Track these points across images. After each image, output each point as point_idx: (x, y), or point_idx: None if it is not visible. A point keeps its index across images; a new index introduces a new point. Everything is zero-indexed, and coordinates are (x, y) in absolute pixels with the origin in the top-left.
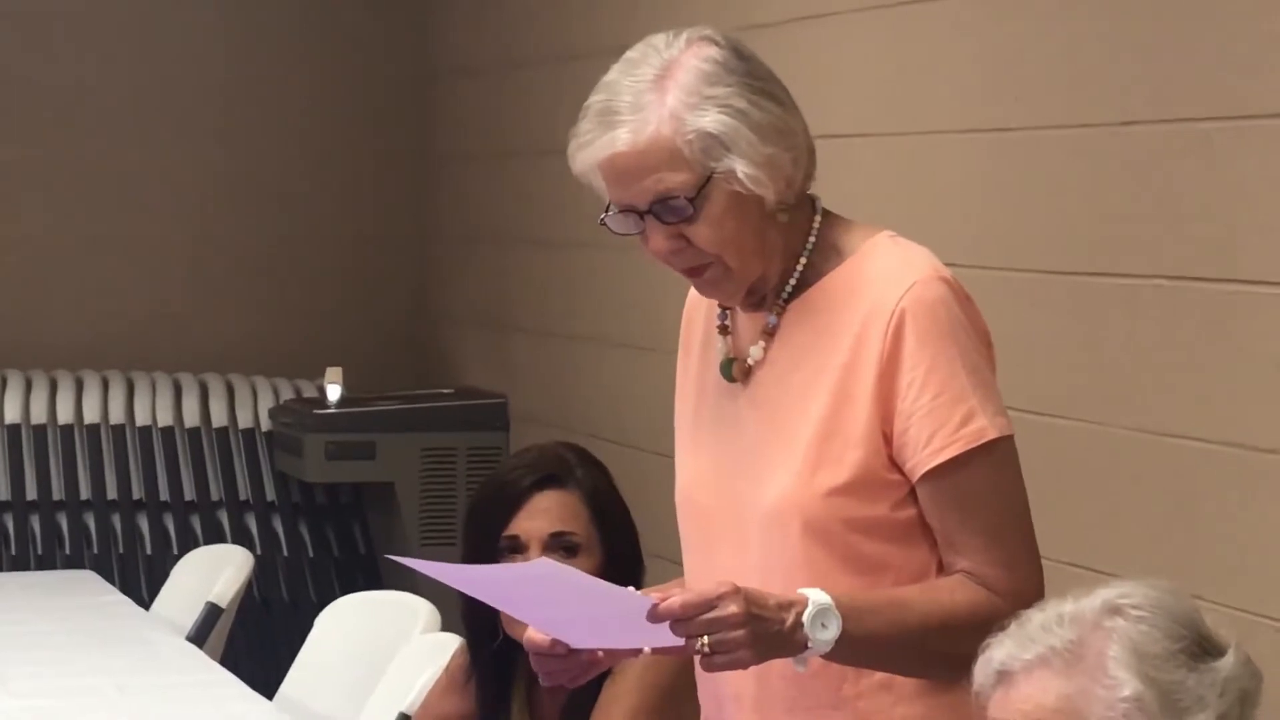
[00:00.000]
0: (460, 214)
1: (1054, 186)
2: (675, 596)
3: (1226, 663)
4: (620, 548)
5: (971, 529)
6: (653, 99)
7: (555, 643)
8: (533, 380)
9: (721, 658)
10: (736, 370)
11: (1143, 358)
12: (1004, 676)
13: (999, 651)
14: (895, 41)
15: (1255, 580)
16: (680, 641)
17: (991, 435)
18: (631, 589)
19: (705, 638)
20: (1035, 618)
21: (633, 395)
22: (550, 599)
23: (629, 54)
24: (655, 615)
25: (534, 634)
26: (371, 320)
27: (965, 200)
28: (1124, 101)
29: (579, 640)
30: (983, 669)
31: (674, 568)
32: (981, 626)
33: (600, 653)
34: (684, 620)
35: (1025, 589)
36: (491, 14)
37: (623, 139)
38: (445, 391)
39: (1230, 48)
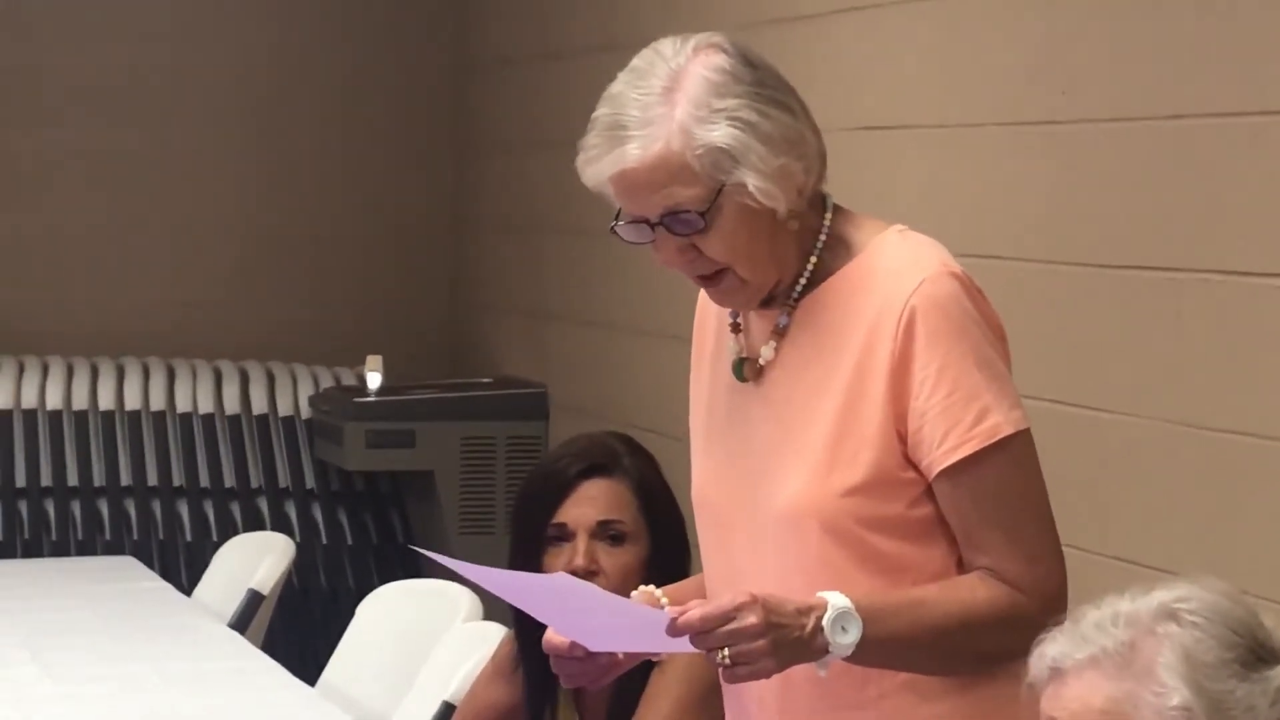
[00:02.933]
0: (498, 203)
1: (1100, 180)
2: (694, 610)
3: None
4: (666, 537)
5: (990, 525)
6: (661, 112)
7: (574, 645)
8: (571, 369)
9: (744, 668)
10: (748, 370)
11: (1189, 352)
12: (1056, 673)
13: (1052, 647)
14: (939, 33)
15: None
16: (698, 650)
17: (1006, 431)
18: (647, 605)
19: (726, 649)
20: (1090, 615)
21: (672, 385)
22: (571, 607)
23: (635, 62)
24: (674, 630)
25: (553, 636)
26: (411, 309)
27: (1009, 194)
28: (1171, 95)
29: (598, 644)
30: (1037, 662)
31: None
32: (1003, 622)
33: (620, 655)
34: (703, 633)
35: (1046, 583)
36: (530, 4)
37: (632, 154)
38: (484, 380)
39: (1278, 41)
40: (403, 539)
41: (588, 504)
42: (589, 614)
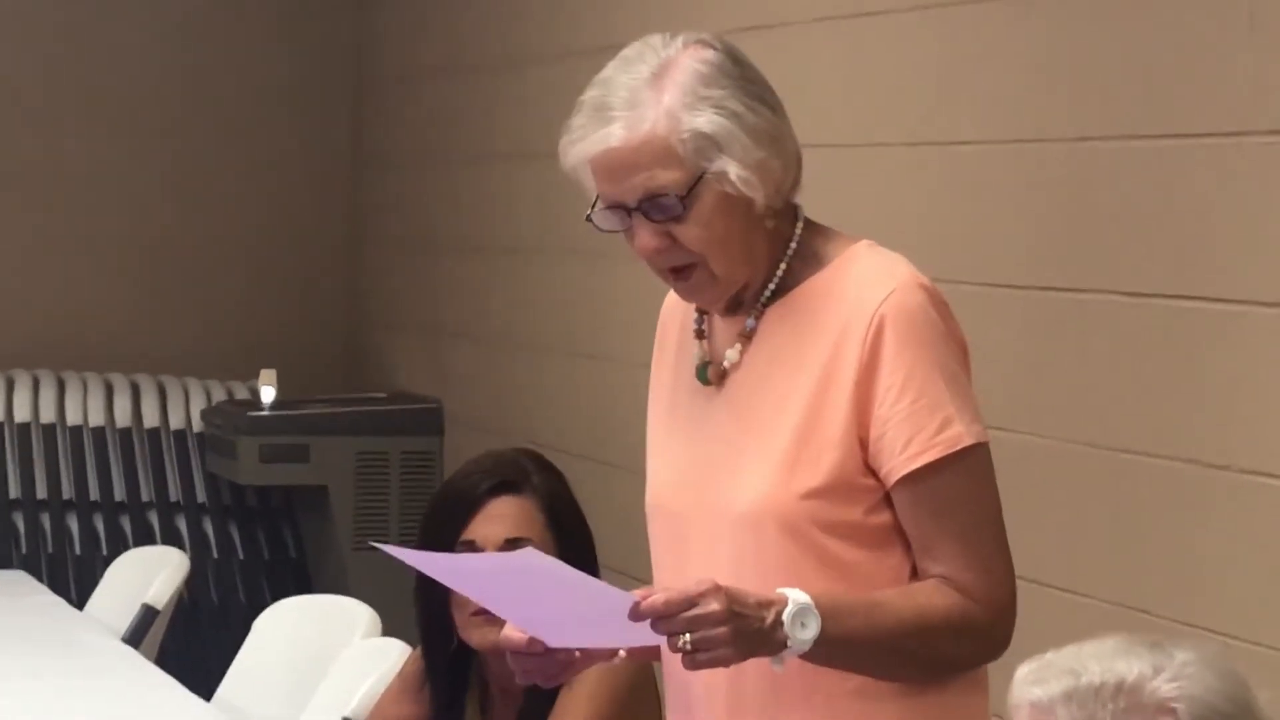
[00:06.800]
0: (395, 218)
1: (1006, 201)
2: (658, 594)
3: None
4: (575, 555)
5: (946, 535)
6: (649, 96)
7: (532, 641)
8: (467, 385)
9: (703, 655)
10: (712, 373)
11: (1095, 373)
12: (1038, 710)
13: (1040, 689)
14: (847, 53)
15: (1204, 595)
16: (658, 640)
17: (968, 442)
18: (611, 586)
19: (687, 635)
20: (1091, 669)
21: (569, 401)
22: (530, 594)
23: (625, 52)
24: (637, 613)
25: (510, 632)
26: (305, 323)
27: (916, 213)
28: (1079, 118)
29: (556, 639)
30: (1019, 689)
31: (618, 578)
32: (956, 630)
33: (577, 653)
34: (666, 617)
35: (999, 594)
36: (427, 21)
37: (617, 134)
38: (379, 395)
39: (1184, 66)
40: (294, 554)
41: (496, 521)
42: (549, 600)
